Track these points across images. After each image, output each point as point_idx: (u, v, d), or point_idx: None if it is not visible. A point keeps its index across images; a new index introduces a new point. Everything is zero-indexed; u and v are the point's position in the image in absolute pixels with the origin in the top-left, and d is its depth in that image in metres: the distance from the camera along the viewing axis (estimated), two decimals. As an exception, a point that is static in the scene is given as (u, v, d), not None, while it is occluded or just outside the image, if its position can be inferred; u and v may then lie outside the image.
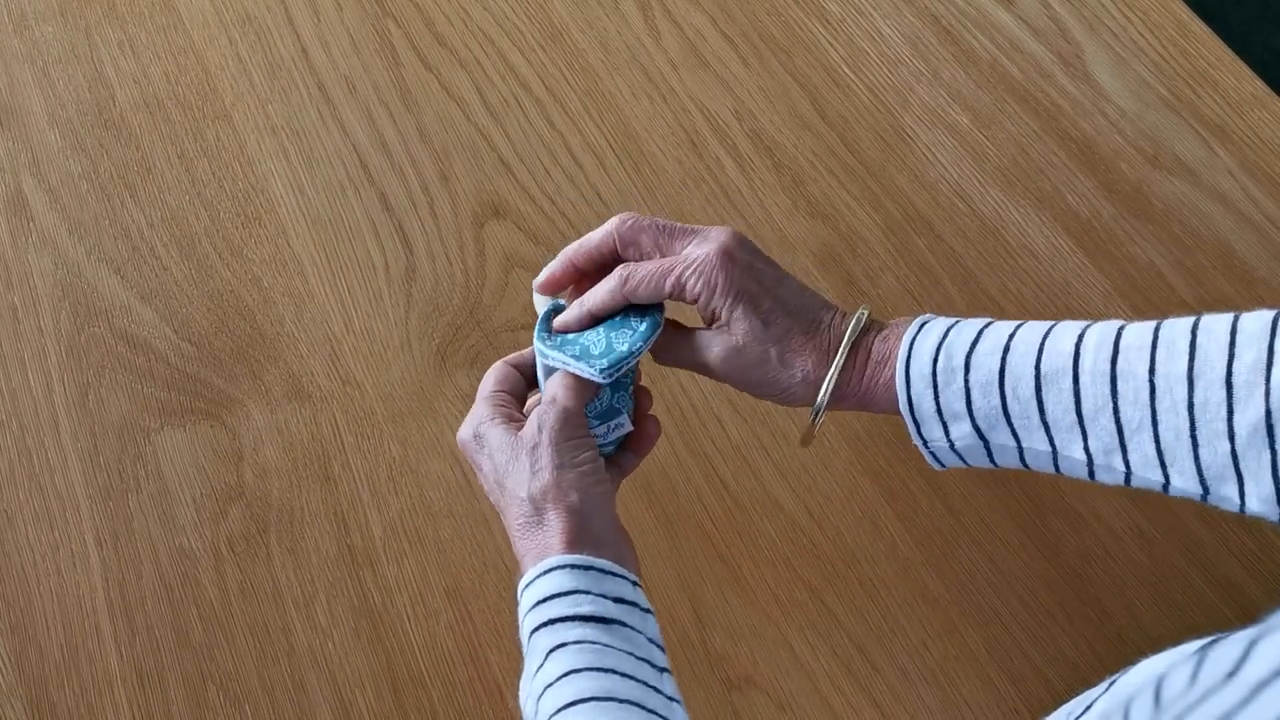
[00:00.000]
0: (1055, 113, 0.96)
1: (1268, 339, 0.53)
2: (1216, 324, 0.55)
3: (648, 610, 0.60)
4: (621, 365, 0.64)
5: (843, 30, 1.01)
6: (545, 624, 0.58)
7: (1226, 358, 0.53)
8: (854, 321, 0.63)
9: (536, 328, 0.67)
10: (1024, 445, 0.59)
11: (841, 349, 0.62)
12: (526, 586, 0.60)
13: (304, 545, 0.77)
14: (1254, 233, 0.90)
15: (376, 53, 0.99)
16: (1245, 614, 0.75)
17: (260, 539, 0.77)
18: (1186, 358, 0.54)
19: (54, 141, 0.93)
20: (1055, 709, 0.64)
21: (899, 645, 0.74)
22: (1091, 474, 0.58)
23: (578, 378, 0.64)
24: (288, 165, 0.93)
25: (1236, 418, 0.53)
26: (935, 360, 0.60)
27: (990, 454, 0.61)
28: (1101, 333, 0.57)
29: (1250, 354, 0.53)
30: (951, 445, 0.61)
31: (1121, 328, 0.57)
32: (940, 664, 0.74)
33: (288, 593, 0.75)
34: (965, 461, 0.62)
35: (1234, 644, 0.34)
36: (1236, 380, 0.53)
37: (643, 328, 0.65)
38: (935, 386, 0.59)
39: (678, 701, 0.58)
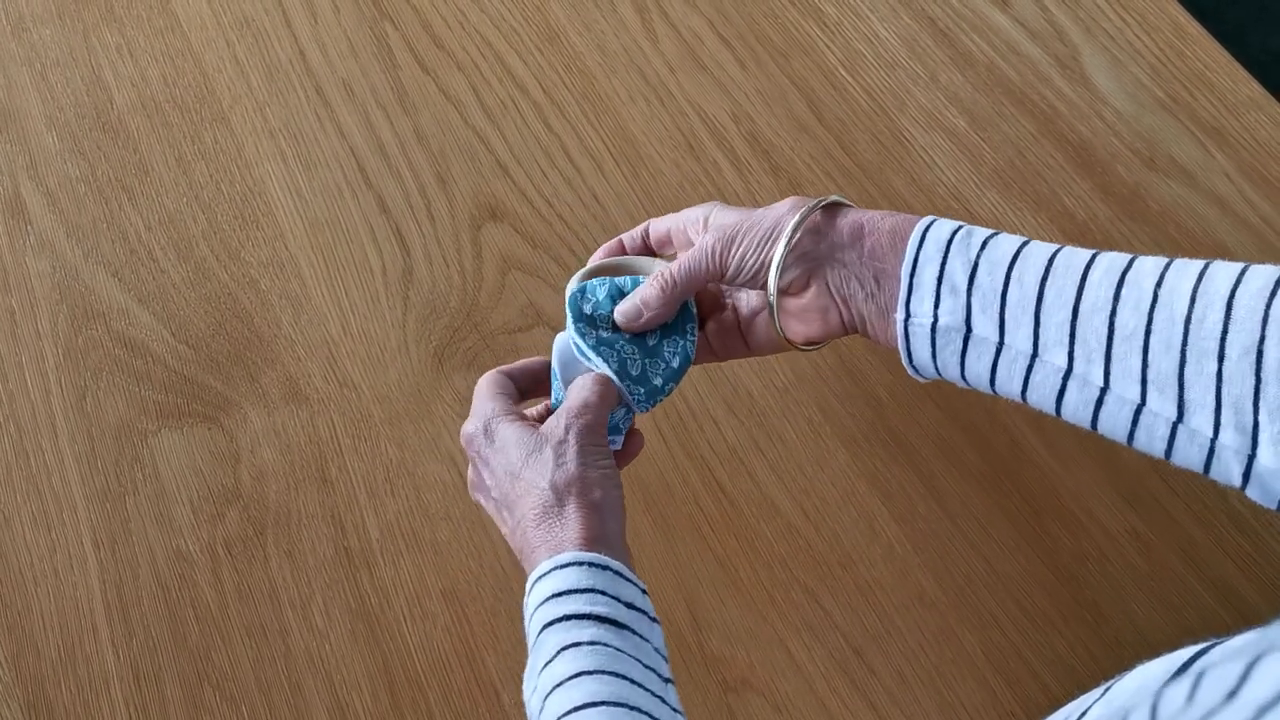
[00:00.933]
0: (1052, 115, 0.96)
1: (1278, 274, 0.53)
2: (1231, 263, 0.56)
3: (655, 620, 0.60)
4: (657, 400, 0.67)
5: (840, 33, 1.01)
6: (559, 619, 0.57)
7: (1233, 283, 0.54)
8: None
9: (571, 315, 0.67)
10: (1005, 341, 0.58)
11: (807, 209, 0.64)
12: (540, 578, 0.59)
13: (301, 547, 0.77)
14: (1250, 235, 0.90)
15: (374, 55, 0.99)
16: (1241, 617, 0.75)
17: (257, 541, 0.77)
18: (1195, 279, 0.55)
19: (52, 144, 0.93)
20: (1051, 712, 0.64)
21: (895, 648, 0.74)
22: (1062, 393, 0.58)
23: (610, 388, 0.65)
24: (285, 168, 0.93)
25: (1230, 338, 0.53)
26: (956, 231, 0.60)
27: (965, 350, 0.60)
28: (1122, 254, 0.58)
29: (1257, 283, 0.53)
30: (934, 325, 0.60)
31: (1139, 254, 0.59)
32: (936, 666, 0.74)
33: (284, 594, 0.75)
34: (935, 359, 0.61)
35: (1233, 661, 0.34)
36: (1238, 303, 0.53)
37: (675, 363, 0.68)
38: (946, 253, 0.60)
39: (681, 714, 0.57)
